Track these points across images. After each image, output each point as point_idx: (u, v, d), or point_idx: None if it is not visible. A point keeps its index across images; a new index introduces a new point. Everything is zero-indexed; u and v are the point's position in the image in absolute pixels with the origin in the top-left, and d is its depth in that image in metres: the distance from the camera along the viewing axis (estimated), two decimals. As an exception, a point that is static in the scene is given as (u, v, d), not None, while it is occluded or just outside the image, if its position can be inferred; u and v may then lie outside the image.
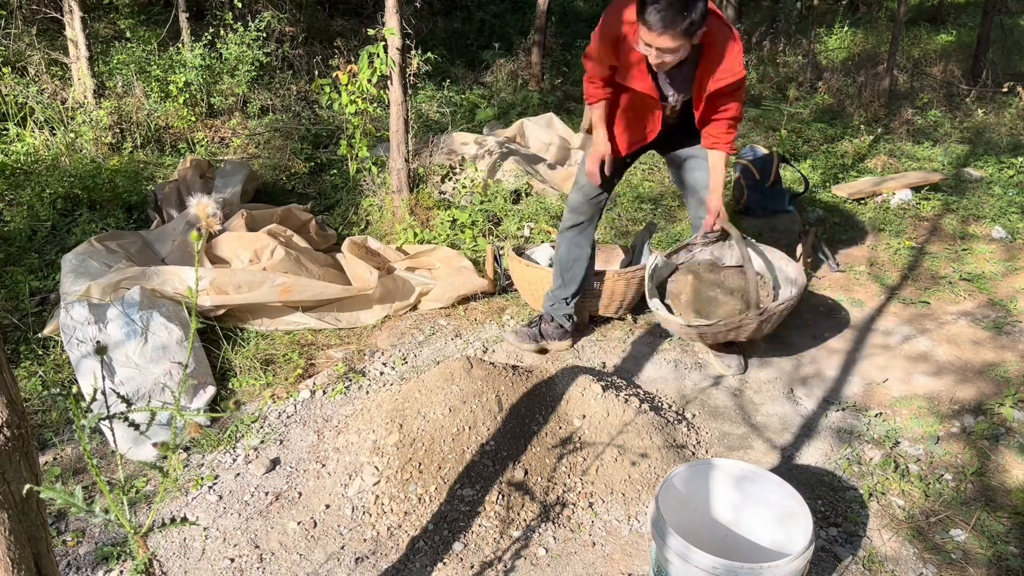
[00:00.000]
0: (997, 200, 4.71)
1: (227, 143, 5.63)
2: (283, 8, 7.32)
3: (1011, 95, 6.93)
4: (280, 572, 2.08)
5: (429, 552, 2.12)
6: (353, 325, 3.33)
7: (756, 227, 4.22)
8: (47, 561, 1.31)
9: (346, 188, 4.66)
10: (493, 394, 2.46)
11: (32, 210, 4.10)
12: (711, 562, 1.67)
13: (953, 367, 3.06)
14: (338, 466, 2.41)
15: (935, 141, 6.03)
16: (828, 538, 2.21)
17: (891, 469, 2.47)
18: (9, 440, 1.18)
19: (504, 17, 9.91)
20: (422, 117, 6.03)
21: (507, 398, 2.45)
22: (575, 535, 2.18)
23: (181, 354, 2.75)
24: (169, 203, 4.13)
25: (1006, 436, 2.63)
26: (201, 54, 6.02)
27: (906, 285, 3.75)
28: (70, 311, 2.79)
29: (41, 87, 5.54)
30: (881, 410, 2.80)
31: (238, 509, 2.30)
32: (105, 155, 4.93)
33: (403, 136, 3.95)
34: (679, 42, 2.30)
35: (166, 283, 3.03)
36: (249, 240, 3.46)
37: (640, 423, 2.46)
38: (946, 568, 2.12)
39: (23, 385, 2.80)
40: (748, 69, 7.76)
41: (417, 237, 3.98)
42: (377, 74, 3.88)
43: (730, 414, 2.79)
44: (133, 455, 2.48)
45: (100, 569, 2.10)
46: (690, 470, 2.00)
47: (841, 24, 9.55)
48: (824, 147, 5.88)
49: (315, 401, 2.82)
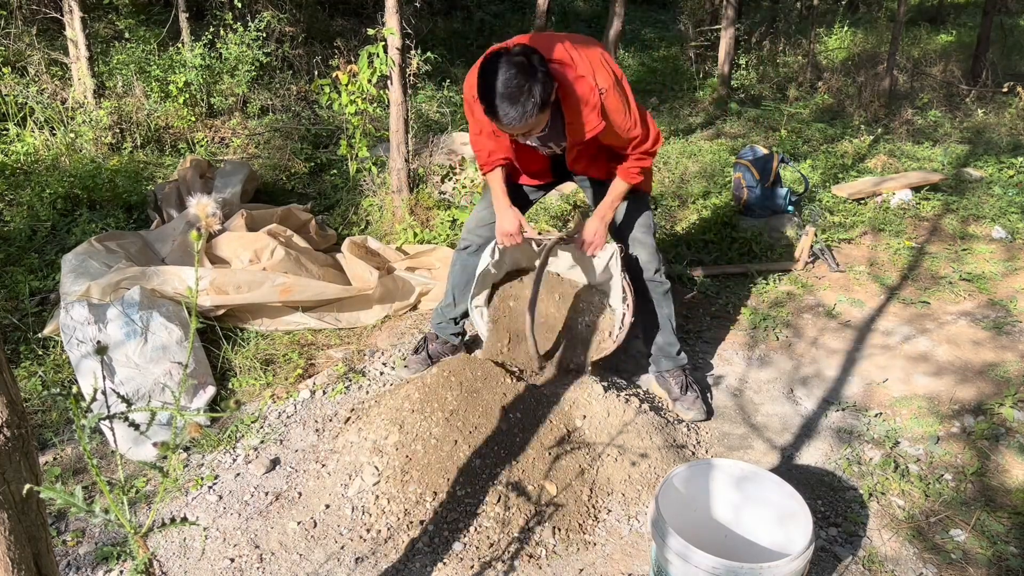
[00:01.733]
0: (997, 200, 4.71)
1: (227, 143, 5.63)
2: (283, 8, 7.32)
3: (1011, 95, 6.93)
4: (280, 572, 2.08)
5: (429, 552, 2.12)
6: (353, 325, 3.33)
7: (756, 227, 4.22)
8: (47, 561, 1.31)
9: (346, 188, 4.66)
10: (493, 394, 2.46)
11: (32, 210, 4.10)
12: (711, 562, 1.67)
13: (953, 367, 3.06)
14: (338, 466, 2.41)
15: (935, 141, 6.04)
16: (828, 538, 2.21)
17: (891, 469, 2.47)
18: (9, 440, 1.18)
19: (504, 17, 9.91)
20: (422, 117, 6.03)
21: (507, 398, 2.45)
22: (575, 535, 2.18)
23: (181, 354, 2.75)
24: (169, 203, 4.13)
25: (1006, 436, 2.63)
26: (201, 54, 6.02)
27: (906, 285, 3.75)
28: (70, 311, 2.79)
29: (41, 87, 5.54)
30: (881, 410, 2.80)
31: (238, 509, 2.30)
32: (105, 155, 4.93)
33: (403, 136, 3.95)
34: (533, 123, 2.20)
35: (166, 283, 3.03)
36: (249, 240, 3.46)
37: (640, 423, 2.46)
38: (946, 568, 2.12)
39: (23, 385, 2.79)
40: (748, 69, 7.81)
41: (417, 237, 3.98)
42: (377, 74, 3.88)
43: (730, 414, 2.79)
44: (133, 455, 2.48)
45: (100, 569, 2.10)
46: (690, 470, 2.00)
47: (841, 24, 9.55)
48: (824, 147, 5.88)
49: (315, 401, 2.82)
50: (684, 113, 7.07)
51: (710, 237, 4.19)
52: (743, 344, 3.25)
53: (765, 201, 4.33)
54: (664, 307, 2.76)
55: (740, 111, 6.94)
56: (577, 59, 2.29)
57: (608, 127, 2.35)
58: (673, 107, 7.19)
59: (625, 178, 2.55)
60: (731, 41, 7.29)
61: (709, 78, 7.97)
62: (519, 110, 2.14)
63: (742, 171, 4.39)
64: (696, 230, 4.30)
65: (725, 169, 5.18)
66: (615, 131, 2.38)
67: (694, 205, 4.62)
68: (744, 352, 3.19)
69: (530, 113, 2.15)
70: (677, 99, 7.44)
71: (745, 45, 8.24)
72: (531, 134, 2.34)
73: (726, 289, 3.69)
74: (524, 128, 2.22)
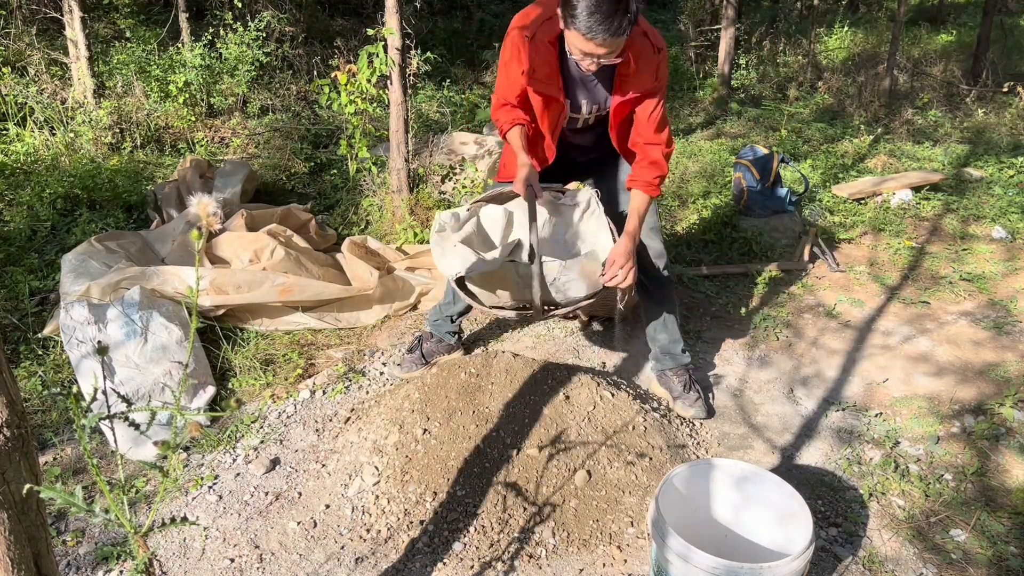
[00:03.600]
0: (997, 200, 4.71)
1: (227, 143, 5.62)
2: (283, 8, 7.32)
3: (1011, 95, 6.93)
4: (280, 572, 2.08)
5: (429, 552, 2.12)
6: (353, 325, 3.33)
7: (756, 227, 4.22)
8: (47, 561, 1.31)
9: (346, 188, 4.66)
10: (492, 394, 2.46)
11: (32, 210, 4.10)
12: (711, 562, 1.67)
13: (953, 367, 3.06)
14: (338, 466, 2.41)
15: (935, 141, 6.03)
16: (828, 538, 2.21)
17: (891, 469, 2.47)
18: (9, 440, 1.18)
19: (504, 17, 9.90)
20: (422, 117, 6.02)
21: (506, 398, 2.45)
22: (575, 535, 2.17)
23: (181, 354, 2.75)
24: (169, 203, 4.12)
25: (1006, 436, 2.63)
26: (201, 54, 6.02)
27: (906, 285, 3.75)
28: (70, 311, 2.79)
29: (41, 87, 5.54)
30: (881, 410, 2.80)
31: (238, 509, 2.30)
32: (105, 155, 4.93)
33: (403, 136, 3.95)
34: (615, 43, 2.13)
35: (166, 283, 3.03)
36: (249, 240, 3.46)
37: (640, 423, 2.46)
38: (946, 568, 2.11)
39: (23, 385, 2.79)
40: (748, 69, 7.81)
41: (417, 237, 3.97)
42: (377, 74, 3.87)
43: (730, 414, 2.79)
44: (133, 455, 2.48)
45: (100, 569, 2.10)
46: (690, 470, 2.00)
47: (841, 24, 9.55)
48: (824, 147, 5.88)
49: (315, 401, 2.82)
50: (684, 113, 7.07)
51: (710, 237, 4.19)
52: (743, 344, 3.25)
53: (765, 201, 4.33)
54: (668, 306, 2.76)
55: (740, 111, 6.94)
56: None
57: (658, 91, 2.34)
58: (673, 107, 7.18)
59: (646, 191, 2.45)
60: (731, 41, 7.28)
61: (709, 78, 7.97)
62: (615, 24, 2.05)
63: (742, 171, 4.39)
64: (696, 230, 4.30)
65: (725, 169, 5.18)
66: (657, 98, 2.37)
67: (694, 205, 4.62)
68: (744, 352, 3.19)
69: (624, 28, 2.07)
70: (677, 99, 7.43)
71: (745, 45, 8.24)
72: (605, 59, 2.20)
73: (726, 289, 3.69)
74: (610, 47, 2.12)
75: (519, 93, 2.45)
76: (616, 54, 2.19)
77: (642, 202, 2.45)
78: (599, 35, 2.07)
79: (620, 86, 2.36)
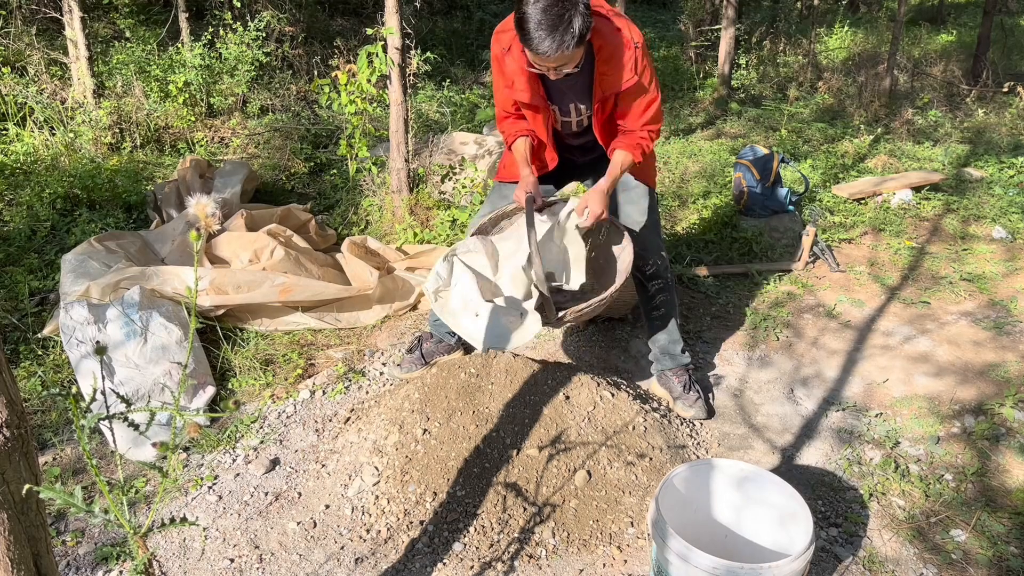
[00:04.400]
0: (997, 200, 4.71)
1: (227, 143, 5.62)
2: (283, 8, 7.32)
3: (1011, 95, 6.93)
4: (280, 572, 2.08)
5: (429, 552, 2.12)
6: (353, 325, 3.33)
7: (756, 227, 4.22)
8: (47, 561, 1.31)
9: (346, 188, 4.66)
10: (492, 395, 2.46)
11: (32, 210, 4.10)
12: (711, 563, 1.67)
13: (954, 367, 3.06)
14: (338, 466, 2.41)
15: (935, 141, 6.03)
16: (828, 538, 2.21)
17: (891, 469, 2.47)
18: (9, 440, 1.18)
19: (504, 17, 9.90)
20: (422, 117, 6.02)
21: (506, 398, 2.45)
22: (575, 535, 2.17)
23: (181, 354, 2.74)
24: (169, 203, 4.13)
25: (1006, 436, 2.63)
26: (201, 54, 6.02)
27: (906, 285, 3.74)
28: (70, 311, 2.79)
29: (41, 87, 5.54)
30: (881, 410, 2.80)
31: (238, 509, 2.30)
32: (105, 155, 4.93)
33: (403, 136, 3.95)
34: (565, 56, 2.16)
35: (166, 283, 3.03)
36: (249, 240, 3.46)
37: (640, 423, 2.46)
38: (946, 568, 2.11)
39: (23, 385, 2.79)
40: (748, 69, 7.81)
41: (417, 237, 3.97)
42: (376, 74, 3.87)
43: (730, 414, 2.79)
44: (133, 455, 2.48)
45: (100, 569, 2.09)
46: (690, 470, 2.00)
47: (841, 24, 9.55)
48: (824, 147, 5.88)
49: (315, 401, 2.82)
50: (684, 113, 7.07)
51: (710, 237, 4.19)
52: (743, 344, 3.24)
53: (765, 201, 4.33)
54: (668, 306, 2.76)
55: (740, 111, 6.94)
56: (611, 13, 2.30)
57: (637, 84, 2.34)
58: (673, 107, 7.19)
59: (628, 149, 2.45)
60: (731, 41, 7.29)
61: (709, 78, 7.97)
62: (556, 39, 2.10)
63: (742, 171, 4.39)
64: (696, 230, 4.30)
65: (725, 169, 5.18)
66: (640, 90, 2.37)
67: (694, 205, 4.62)
68: (744, 352, 3.19)
69: (567, 44, 2.11)
70: (677, 99, 7.43)
71: (745, 45, 8.24)
72: (563, 69, 2.25)
73: (726, 289, 3.69)
74: (558, 60, 2.17)
75: (514, 103, 2.52)
76: (574, 64, 2.25)
77: (622, 158, 2.46)
78: (545, 51, 2.13)
79: (599, 84, 2.39)
